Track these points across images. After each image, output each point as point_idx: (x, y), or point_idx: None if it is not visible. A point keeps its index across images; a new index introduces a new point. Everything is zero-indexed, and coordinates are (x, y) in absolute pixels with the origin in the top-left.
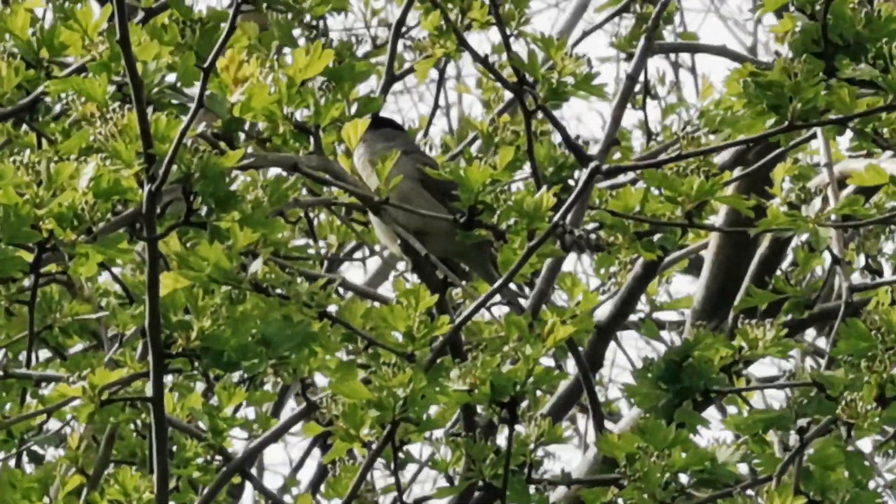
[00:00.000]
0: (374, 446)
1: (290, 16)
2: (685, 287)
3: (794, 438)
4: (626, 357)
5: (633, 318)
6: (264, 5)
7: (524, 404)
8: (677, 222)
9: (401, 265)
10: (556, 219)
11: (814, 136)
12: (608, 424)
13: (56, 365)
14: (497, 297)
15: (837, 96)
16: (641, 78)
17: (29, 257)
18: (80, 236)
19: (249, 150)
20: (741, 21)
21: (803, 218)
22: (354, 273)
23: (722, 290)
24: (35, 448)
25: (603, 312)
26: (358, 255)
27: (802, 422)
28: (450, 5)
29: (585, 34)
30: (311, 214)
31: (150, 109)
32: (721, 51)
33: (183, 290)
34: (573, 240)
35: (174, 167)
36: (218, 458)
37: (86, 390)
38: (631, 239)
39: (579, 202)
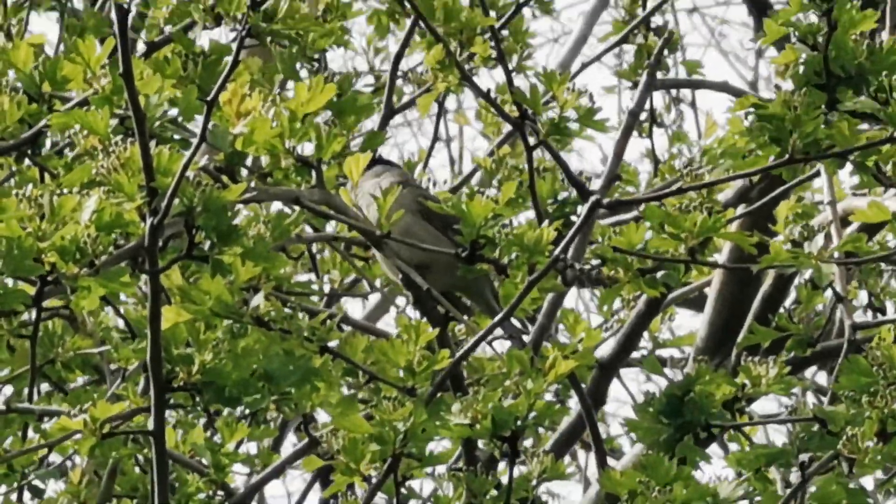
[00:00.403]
0: (374, 481)
1: (294, 49)
2: (688, 323)
3: (795, 475)
4: (627, 393)
5: (635, 355)
6: (268, 39)
7: (528, 441)
8: (680, 259)
9: (401, 300)
10: (556, 253)
11: (817, 173)
12: (610, 461)
13: (58, 399)
14: (499, 332)
15: (838, 129)
16: (647, 106)
17: (31, 290)
18: (82, 269)
19: (252, 184)
20: (742, 56)
21: (806, 255)
22: (354, 307)
23: (725, 328)
24: (36, 482)
25: (606, 349)
26: (359, 290)
27: (804, 457)
28: (451, 39)
29: (585, 65)
30: (315, 250)
31: (152, 143)
32: (723, 87)
33: (185, 324)
34: (574, 274)
35: (176, 200)
36: (220, 493)
37: (87, 423)
38: (634, 275)
39: (580, 236)
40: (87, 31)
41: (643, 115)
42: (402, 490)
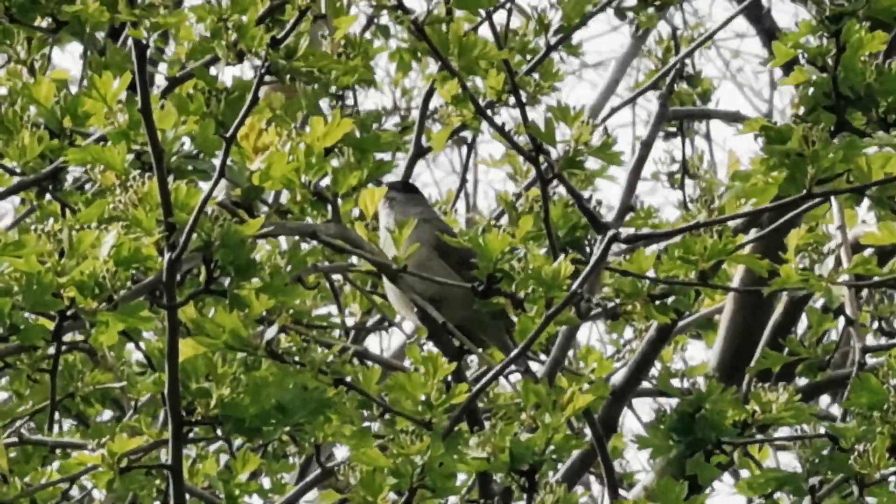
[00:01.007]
0: None
1: (316, 86)
2: (700, 355)
3: (807, 501)
4: (639, 422)
5: (645, 384)
6: (287, 77)
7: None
8: (692, 282)
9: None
10: (574, 287)
11: (828, 199)
12: (622, 492)
13: (73, 431)
14: (513, 367)
15: (855, 164)
16: (678, 156)
17: (50, 325)
18: (101, 305)
19: (270, 219)
20: (757, 88)
21: (816, 277)
22: (374, 342)
23: (737, 356)
24: None
25: (617, 377)
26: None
27: (814, 480)
28: (465, 74)
29: (615, 110)
30: (337, 284)
31: (170, 178)
32: (735, 116)
33: (202, 358)
34: (589, 307)
35: (194, 235)
36: None
37: (105, 458)
38: (645, 301)
39: (596, 270)
40: (112, 68)
41: (675, 167)
42: None
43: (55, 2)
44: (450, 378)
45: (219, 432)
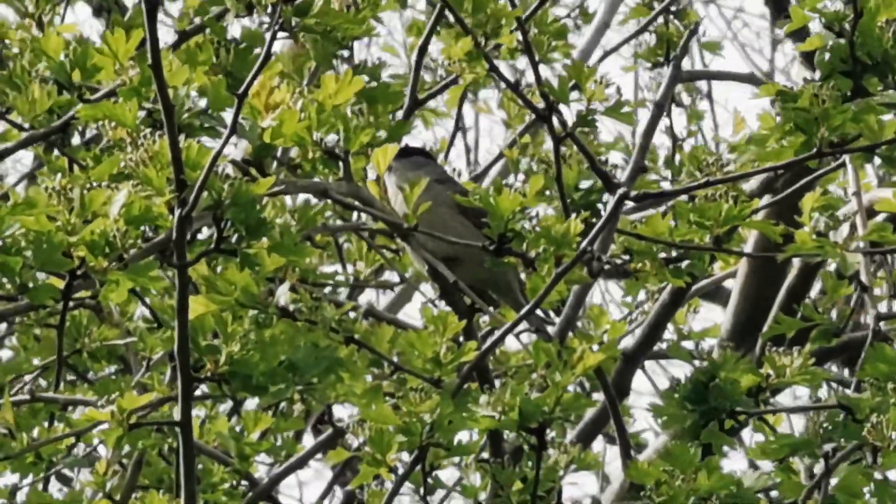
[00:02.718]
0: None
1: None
2: (713, 317)
3: (819, 466)
4: (651, 385)
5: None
6: (300, 34)
7: (552, 433)
8: (706, 247)
9: (425, 288)
10: (583, 245)
11: (843, 164)
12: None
13: (84, 389)
14: (524, 325)
15: (866, 123)
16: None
17: (60, 284)
18: (111, 264)
19: (281, 176)
20: (758, 47)
21: (831, 244)
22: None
23: (749, 320)
24: (65, 471)
25: (630, 340)
26: (386, 281)
27: (828, 447)
28: (478, 31)
29: (607, 53)
30: (341, 240)
31: (181, 137)
32: (749, 78)
33: (212, 315)
34: (600, 266)
35: (205, 194)
36: (244, 483)
37: (114, 414)
38: (659, 265)
39: (607, 229)
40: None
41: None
42: (429, 480)
43: None
44: (461, 337)
45: (226, 390)
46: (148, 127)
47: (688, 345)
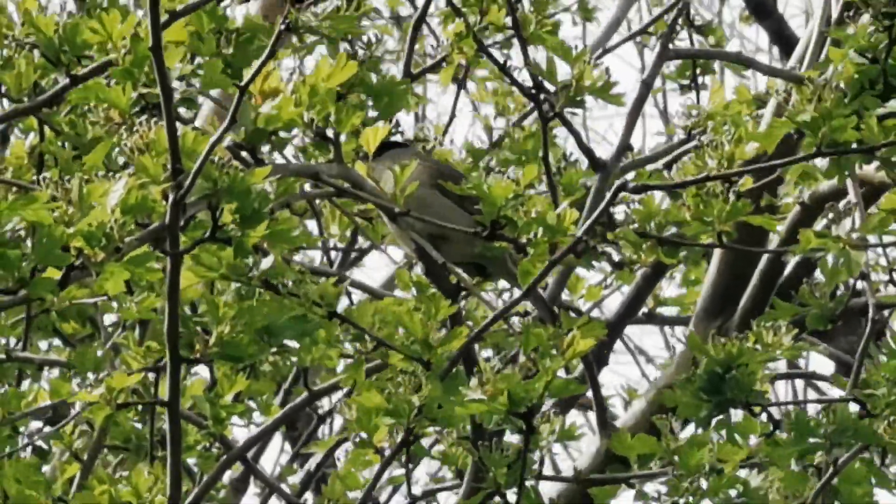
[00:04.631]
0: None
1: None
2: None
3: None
4: (626, 349)
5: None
6: (303, 34)
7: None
8: (708, 243)
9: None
10: (578, 234)
11: None
12: None
13: (59, 350)
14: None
15: (867, 125)
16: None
17: (57, 275)
18: (108, 256)
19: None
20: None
21: (834, 239)
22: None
23: (728, 289)
24: (40, 444)
25: (610, 310)
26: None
27: (837, 452)
28: (468, 11)
29: (606, 51)
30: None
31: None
32: (737, 58)
33: (203, 295)
34: (586, 248)
35: (201, 181)
36: (218, 446)
37: (104, 395)
38: (653, 245)
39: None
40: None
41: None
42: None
43: None
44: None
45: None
46: (137, 107)
47: (667, 311)
